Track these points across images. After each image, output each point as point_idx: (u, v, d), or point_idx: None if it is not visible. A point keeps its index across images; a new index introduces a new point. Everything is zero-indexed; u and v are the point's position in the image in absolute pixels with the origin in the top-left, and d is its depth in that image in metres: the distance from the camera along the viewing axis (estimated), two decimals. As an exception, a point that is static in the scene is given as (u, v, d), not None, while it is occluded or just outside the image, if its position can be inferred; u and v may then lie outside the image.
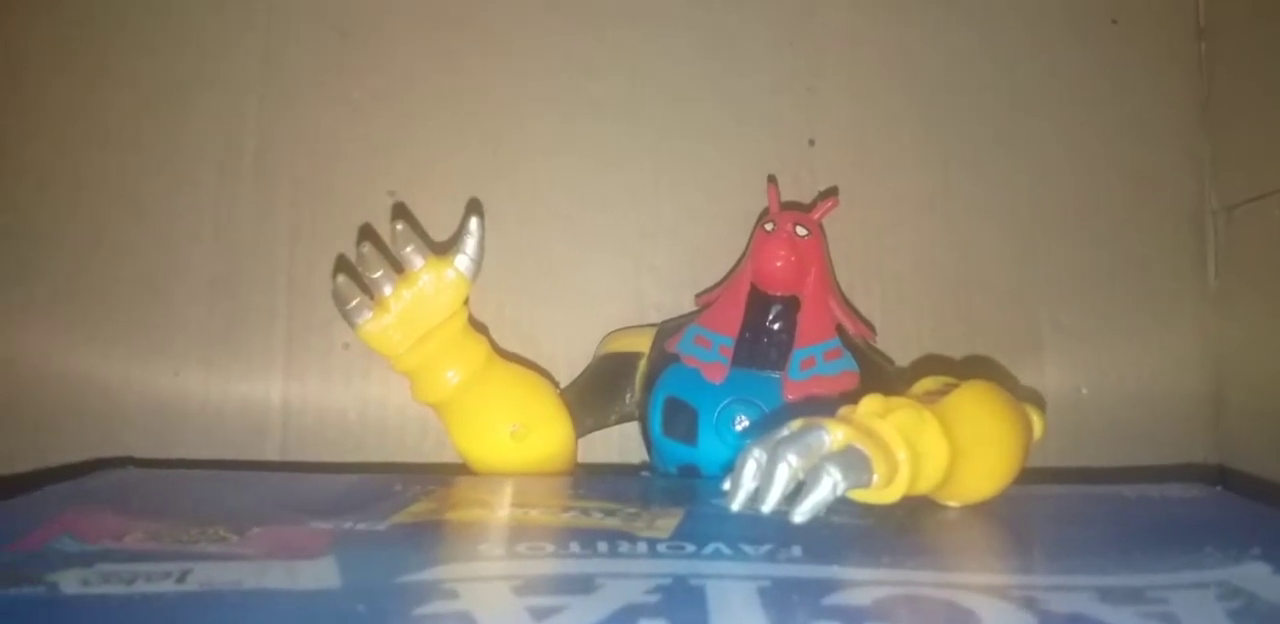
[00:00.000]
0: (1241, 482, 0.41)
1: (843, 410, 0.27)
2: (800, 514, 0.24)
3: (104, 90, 0.43)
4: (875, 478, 0.25)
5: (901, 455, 0.25)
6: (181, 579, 0.21)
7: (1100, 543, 0.27)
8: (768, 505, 0.24)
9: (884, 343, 0.40)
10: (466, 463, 0.36)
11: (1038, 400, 0.41)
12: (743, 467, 0.25)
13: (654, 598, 0.20)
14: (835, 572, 0.22)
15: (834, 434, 0.25)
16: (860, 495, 0.26)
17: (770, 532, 0.26)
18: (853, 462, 0.24)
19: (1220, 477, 0.42)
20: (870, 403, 0.26)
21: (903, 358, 0.42)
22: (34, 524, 0.25)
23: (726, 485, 0.25)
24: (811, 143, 0.44)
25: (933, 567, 0.23)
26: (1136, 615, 0.19)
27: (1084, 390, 0.43)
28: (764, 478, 0.24)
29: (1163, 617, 0.19)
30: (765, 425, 0.34)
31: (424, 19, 0.44)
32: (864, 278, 0.39)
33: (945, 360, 0.43)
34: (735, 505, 0.25)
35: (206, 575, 0.22)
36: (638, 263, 0.43)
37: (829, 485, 0.24)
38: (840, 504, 0.27)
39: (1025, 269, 0.44)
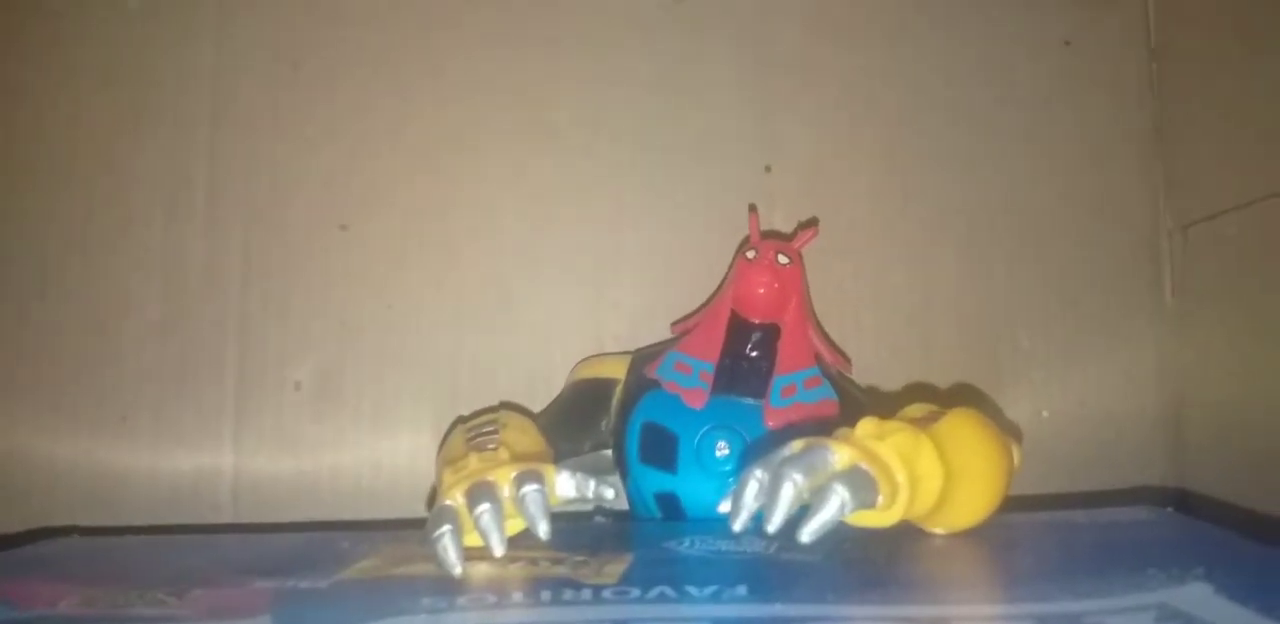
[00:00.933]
0: (1200, 502, 0.41)
1: (841, 432, 0.27)
2: (809, 533, 0.24)
3: (50, 127, 0.43)
4: (880, 499, 0.25)
5: (901, 478, 0.26)
6: (112, 643, 0.21)
7: (1045, 569, 0.27)
8: (774, 525, 0.24)
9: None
10: None
11: (1015, 432, 0.41)
12: (744, 487, 0.25)
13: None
14: (778, 610, 0.22)
15: (839, 454, 0.25)
16: (859, 519, 0.26)
17: (717, 573, 0.26)
18: (860, 482, 0.25)
19: (1180, 497, 0.43)
20: (867, 425, 0.27)
21: (861, 382, 0.42)
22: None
23: (725, 507, 0.25)
24: (768, 169, 0.44)
25: (876, 601, 0.23)
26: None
27: (1045, 414, 0.43)
28: (768, 497, 0.24)
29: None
30: (748, 454, 0.34)
31: (376, 51, 0.44)
32: (822, 303, 0.39)
33: (929, 388, 0.43)
34: (737, 526, 0.25)
35: (137, 638, 0.22)
36: (597, 293, 0.43)
37: (837, 504, 0.24)
38: (787, 539, 0.27)
39: (982, 292, 0.44)
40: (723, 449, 0.35)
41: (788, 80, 0.45)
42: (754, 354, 0.36)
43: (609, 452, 0.38)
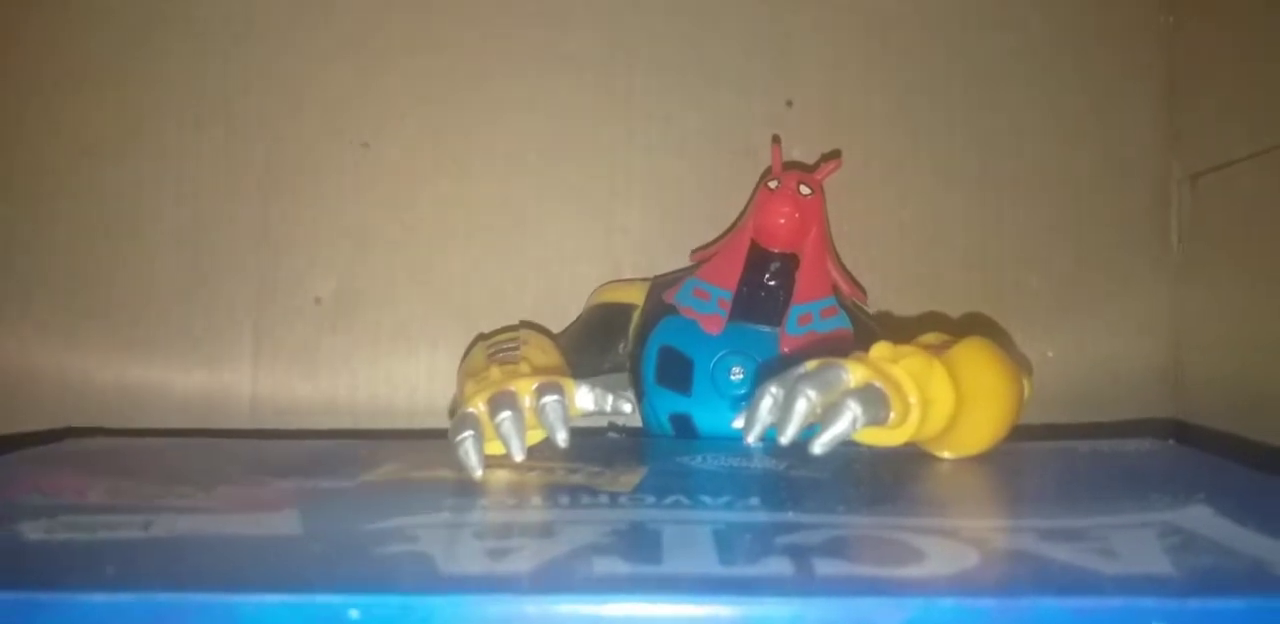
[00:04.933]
0: (1199, 437, 0.42)
1: (855, 354, 0.27)
2: (820, 445, 0.24)
3: (74, 34, 0.42)
4: (891, 416, 0.26)
5: (913, 399, 0.26)
6: (145, 528, 0.22)
7: (1050, 492, 0.27)
8: (787, 437, 0.25)
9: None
10: None
11: (1025, 364, 0.42)
12: (759, 402, 0.26)
13: (611, 539, 0.21)
14: (790, 517, 0.23)
15: (853, 373, 0.26)
16: (868, 436, 0.26)
17: (729, 485, 0.27)
18: (872, 398, 0.25)
19: (1179, 432, 0.43)
20: (881, 349, 0.27)
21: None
22: (2, 484, 0.26)
23: (739, 423, 0.26)
24: (789, 104, 0.44)
25: (887, 513, 0.24)
26: (1074, 551, 0.20)
27: (1049, 354, 0.44)
28: (782, 412, 0.25)
29: (1100, 552, 0.20)
30: (761, 375, 0.34)
31: (397, -29, 0.44)
32: (834, 237, 0.40)
33: (943, 318, 0.44)
34: (751, 438, 0.25)
35: (170, 525, 0.22)
36: (609, 222, 0.44)
37: (849, 419, 0.25)
38: (798, 459, 0.28)
39: (992, 233, 0.44)
40: (737, 373, 0.35)
41: (809, 16, 0.44)
42: (772, 283, 0.36)
43: (625, 374, 0.38)
